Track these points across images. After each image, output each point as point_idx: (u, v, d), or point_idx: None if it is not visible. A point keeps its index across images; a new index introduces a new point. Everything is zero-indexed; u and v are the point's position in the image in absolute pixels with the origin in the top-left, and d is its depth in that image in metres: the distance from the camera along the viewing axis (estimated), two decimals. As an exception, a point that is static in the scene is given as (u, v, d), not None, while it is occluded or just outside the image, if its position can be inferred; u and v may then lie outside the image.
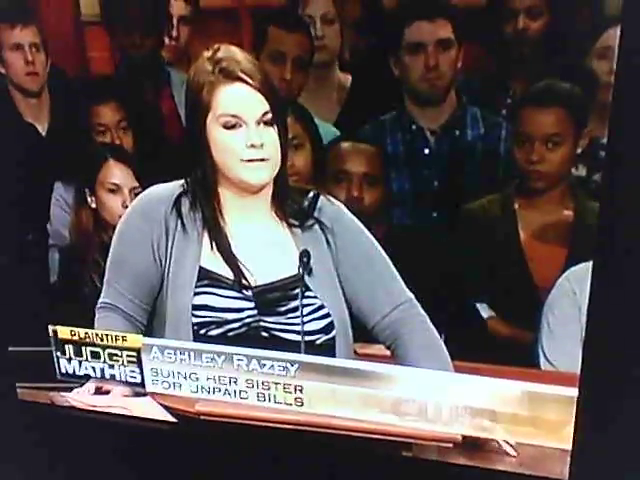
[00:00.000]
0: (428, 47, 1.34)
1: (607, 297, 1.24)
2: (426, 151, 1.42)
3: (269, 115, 1.28)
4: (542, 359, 1.39)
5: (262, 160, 1.30)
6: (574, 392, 1.31)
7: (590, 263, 1.24)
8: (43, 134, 1.60)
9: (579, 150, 1.32)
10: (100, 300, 1.47)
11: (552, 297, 1.37)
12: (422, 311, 1.37)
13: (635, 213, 1.20)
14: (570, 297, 1.34)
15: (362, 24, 1.37)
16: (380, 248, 1.36)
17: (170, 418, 1.54)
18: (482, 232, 1.40)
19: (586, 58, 1.24)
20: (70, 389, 1.61)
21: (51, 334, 1.55)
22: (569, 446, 1.33)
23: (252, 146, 1.28)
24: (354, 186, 1.41)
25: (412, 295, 1.36)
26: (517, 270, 1.39)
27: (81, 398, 1.58)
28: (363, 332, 1.39)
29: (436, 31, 1.33)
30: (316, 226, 1.38)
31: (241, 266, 1.36)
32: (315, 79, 1.39)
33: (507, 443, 1.36)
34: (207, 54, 1.30)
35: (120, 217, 1.46)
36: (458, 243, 1.39)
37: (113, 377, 1.54)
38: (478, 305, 1.43)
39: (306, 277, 1.35)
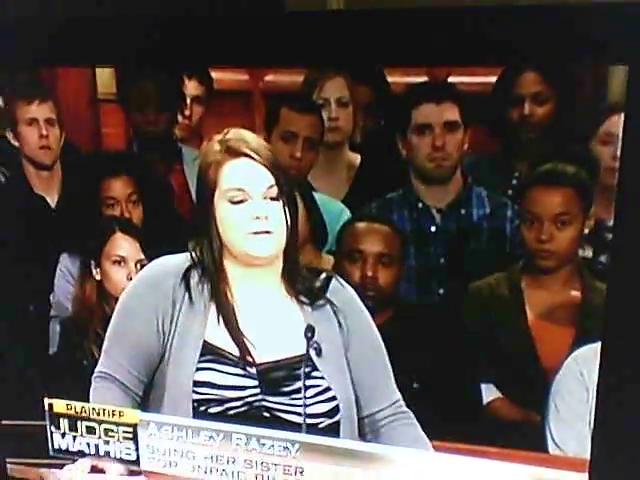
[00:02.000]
0: (435, 128, 1.38)
1: (615, 379, 1.23)
2: (432, 229, 1.44)
3: (275, 189, 1.31)
4: (550, 442, 1.37)
5: (267, 233, 1.31)
6: (584, 478, 1.28)
7: (598, 344, 1.23)
8: (52, 206, 1.62)
9: (586, 231, 1.35)
10: (97, 369, 1.44)
11: (559, 378, 1.36)
12: (407, 409, 1.37)
13: (642, 294, 1.21)
14: (578, 379, 1.33)
15: (372, 106, 1.41)
16: (382, 343, 1.36)
17: (165, 499, 1.49)
18: (489, 310, 1.40)
19: (590, 143, 1.28)
20: (62, 466, 1.57)
21: (46, 408, 1.52)
22: (581, 536, 1.28)
23: (257, 218, 1.30)
24: (369, 266, 1.42)
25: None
26: (524, 350, 1.38)
27: (73, 476, 1.53)
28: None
29: (443, 113, 1.38)
30: (328, 306, 1.37)
31: (247, 342, 1.34)
32: (326, 158, 1.43)
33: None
34: (218, 137, 1.33)
35: (124, 289, 1.45)
36: (464, 321, 1.38)
37: (108, 454, 1.50)
38: (484, 386, 1.42)
39: (315, 357, 1.34)
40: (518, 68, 1.34)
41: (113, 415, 1.45)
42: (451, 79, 1.33)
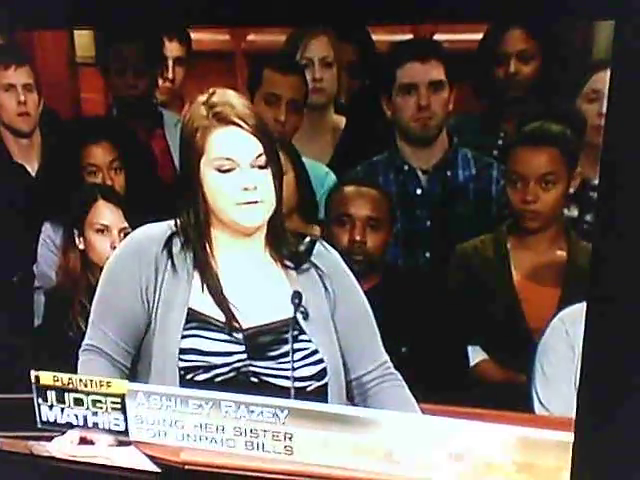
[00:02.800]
0: (420, 88, 1.37)
1: (601, 337, 1.23)
2: (418, 191, 1.43)
3: (263, 158, 1.29)
4: (536, 403, 1.38)
5: (256, 202, 1.30)
6: (570, 437, 1.29)
7: (584, 304, 1.23)
8: (33, 174, 1.60)
9: (571, 190, 1.34)
10: (84, 342, 1.43)
11: (546, 338, 1.36)
12: (395, 370, 1.37)
13: (626, 253, 1.21)
14: (564, 338, 1.33)
15: (357, 67, 1.40)
16: (368, 305, 1.36)
17: (154, 468, 1.49)
18: (475, 272, 1.40)
19: (576, 101, 1.27)
20: (50, 438, 1.56)
21: (33, 380, 1.51)
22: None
23: (246, 189, 1.28)
24: (357, 230, 1.42)
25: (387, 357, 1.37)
26: (510, 311, 1.39)
27: (62, 448, 1.53)
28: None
29: (428, 72, 1.37)
30: (312, 270, 1.36)
31: (232, 308, 1.33)
32: (310, 121, 1.41)
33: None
34: (202, 98, 1.30)
35: (108, 258, 1.44)
36: (451, 284, 1.38)
37: (96, 425, 1.49)
38: (470, 348, 1.42)
39: (302, 320, 1.33)
40: (503, 25, 1.33)
41: (101, 386, 1.43)
42: (436, 37, 1.32)
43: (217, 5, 1.22)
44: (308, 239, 1.37)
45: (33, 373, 1.51)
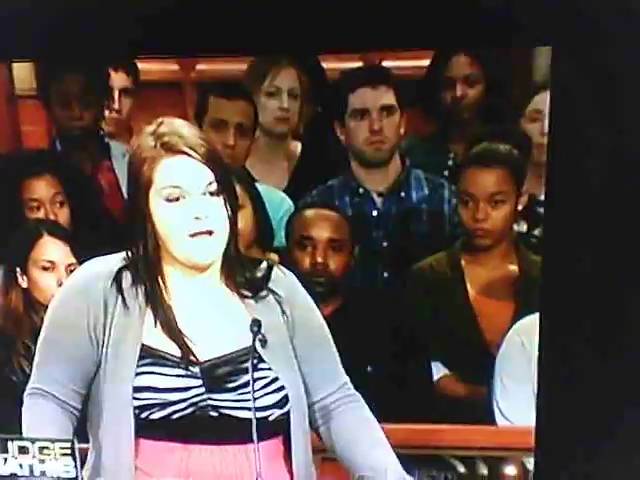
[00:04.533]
0: (372, 112, 1.41)
1: (555, 347, 1.29)
2: (374, 213, 1.46)
3: (214, 185, 1.27)
4: (497, 414, 1.42)
5: (209, 233, 1.28)
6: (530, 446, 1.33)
7: (537, 315, 1.29)
8: (-32, 212, 1.53)
9: (520, 207, 1.41)
10: (29, 385, 1.35)
11: (503, 351, 1.41)
12: (354, 391, 1.39)
13: (574, 264, 1.28)
14: (519, 350, 1.39)
15: (311, 94, 1.42)
16: (326, 327, 1.38)
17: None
18: (432, 290, 1.44)
19: (520, 121, 1.34)
20: None
21: (-29, 431, 1.42)
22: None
23: (197, 218, 1.26)
24: (319, 251, 1.43)
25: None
26: (468, 326, 1.43)
27: None
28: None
29: (379, 97, 1.41)
30: (270, 296, 1.35)
31: (188, 341, 1.30)
32: (268, 148, 1.42)
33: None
34: (150, 128, 1.27)
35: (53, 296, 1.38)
36: (410, 302, 1.41)
37: (44, 474, 1.41)
38: (432, 364, 1.45)
39: (260, 348, 1.30)
40: (449, 52, 1.40)
41: (47, 431, 1.37)
42: (385, 63, 1.36)
43: (166, 36, 1.22)
44: (265, 264, 1.36)
45: (-29, 424, 1.42)
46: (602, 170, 1.23)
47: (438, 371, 1.47)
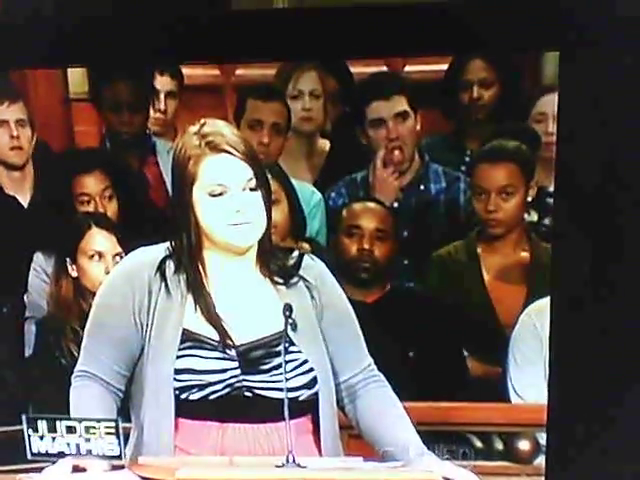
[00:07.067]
0: (388, 121, 1.56)
1: (566, 327, 1.37)
2: (395, 205, 1.59)
3: (253, 181, 1.35)
4: (512, 393, 1.51)
5: (248, 223, 1.36)
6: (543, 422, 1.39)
7: (547, 298, 1.36)
8: (25, 205, 1.64)
9: (529, 199, 1.53)
10: (77, 368, 1.39)
11: (516, 332, 1.51)
12: (378, 372, 1.44)
13: (583, 251, 1.36)
14: (532, 331, 1.48)
15: (338, 96, 1.54)
16: (353, 313, 1.46)
17: (149, 490, 1.47)
18: (450, 276, 1.57)
19: (529, 121, 1.45)
20: (41, 469, 1.53)
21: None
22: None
23: (238, 211, 1.33)
24: (366, 239, 1.57)
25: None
26: (484, 309, 1.55)
27: (54, 479, 1.49)
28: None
29: (393, 106, 1.55)
30: (300, 283, 1.40)
31: (225, 326, 1.36)
32: (299, 146, 1.55)
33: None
34: (193, 129, 1.33)
35: (101, 284, 1.47)
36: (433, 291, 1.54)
37: (89, 452, 1.45)
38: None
39: (290, 332, 1.34)
40: (466, 57, 1.52)
41: (94, 411, 1.42)
42: (407, 68, 1.48)
43: (209, 43, 1.32)
44: (296, 253, 1.44)
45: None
46: (606, 164, 1.32)
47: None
